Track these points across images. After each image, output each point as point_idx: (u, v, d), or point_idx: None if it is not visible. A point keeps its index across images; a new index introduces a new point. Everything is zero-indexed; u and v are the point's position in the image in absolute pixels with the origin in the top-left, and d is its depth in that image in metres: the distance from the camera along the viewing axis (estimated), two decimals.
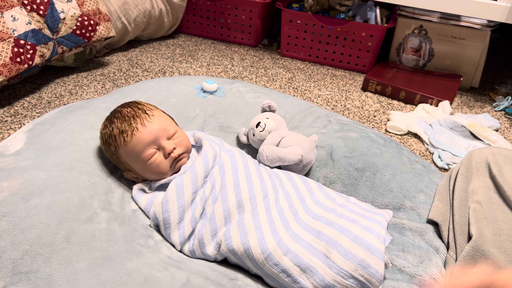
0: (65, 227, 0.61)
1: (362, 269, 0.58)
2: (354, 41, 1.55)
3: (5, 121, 1.15)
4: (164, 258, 0.64)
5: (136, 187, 0.75)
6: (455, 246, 0.69)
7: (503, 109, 1.38)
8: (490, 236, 0.64)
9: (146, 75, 1.47)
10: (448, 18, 1.47)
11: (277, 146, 0.82)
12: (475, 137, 1.17)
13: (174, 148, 0.73)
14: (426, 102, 1.36)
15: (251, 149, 0.89)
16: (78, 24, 1.29)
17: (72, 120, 0.82)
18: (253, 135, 0.85)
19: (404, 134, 1.22)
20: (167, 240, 0.69)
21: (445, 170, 1.07)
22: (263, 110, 0.91)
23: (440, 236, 0.73)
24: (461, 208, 0.72)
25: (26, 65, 1.17)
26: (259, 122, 0.85)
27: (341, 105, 1.36)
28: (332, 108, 1.34)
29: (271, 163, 0.79)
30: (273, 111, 0.90)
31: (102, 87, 1.36)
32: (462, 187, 0.76)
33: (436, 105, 1.34)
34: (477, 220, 0.67)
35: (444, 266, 0.69)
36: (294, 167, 0.81)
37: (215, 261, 0.68)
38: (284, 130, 0.87)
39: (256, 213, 0.67)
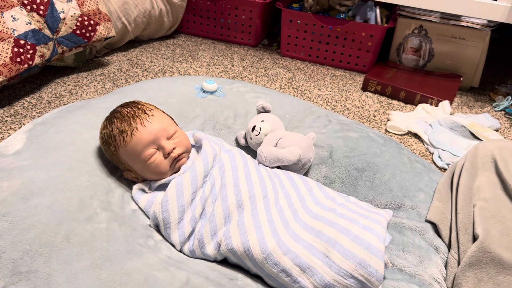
0: (65, 227, 0.61)
1: (362, 268, 0.58)
2: (354, 41, 1.55)
3: (5, 121, 1.15)
4: (164, 258, 0.64)
5: (136, 187, 0.75)
6: (458, 246, 0.67)
7: (503, 109, 1.38)
8: (498, 235, 0.62)
9: (146, 75, 1.47)
10: (448, 18, 1.47)
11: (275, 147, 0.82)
12: (475, 137, 1.17)
13: (174, 148, 0.73)
14: (426, 102, 1.36)
15: (251, 149, 0.89)
16: (78, 24, 1.29)
17: (72, 120, 0.82)
18: (250, 138, 0.85)
19: (404, 134, 1.22)
20: (167, 240, 0.69)
21: (445, 170, 1.07)
22: (258, 112, 0.91)
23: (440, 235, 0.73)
24: (465, 206, 0.70)
25: (26, 65, 1.17)
26: (254, 126, 0.85)
27: (341, 105, 1.36)
28: (332, 108, 1.34)
29: (270, 164, 0.79)
30: (268, 111, 0.90)
31: (102, 87, 1.36)
32: (466, 183, 0.73)
33: (436, 105, 1.34)
34: (484, 219, 0.64)
35: (445, 266, 0.69)
36: (293, 166, 0.81)
37: (215, 261, 0.68)
38: (281, 130, 0.87)
39: (256, 213, 0.67)
